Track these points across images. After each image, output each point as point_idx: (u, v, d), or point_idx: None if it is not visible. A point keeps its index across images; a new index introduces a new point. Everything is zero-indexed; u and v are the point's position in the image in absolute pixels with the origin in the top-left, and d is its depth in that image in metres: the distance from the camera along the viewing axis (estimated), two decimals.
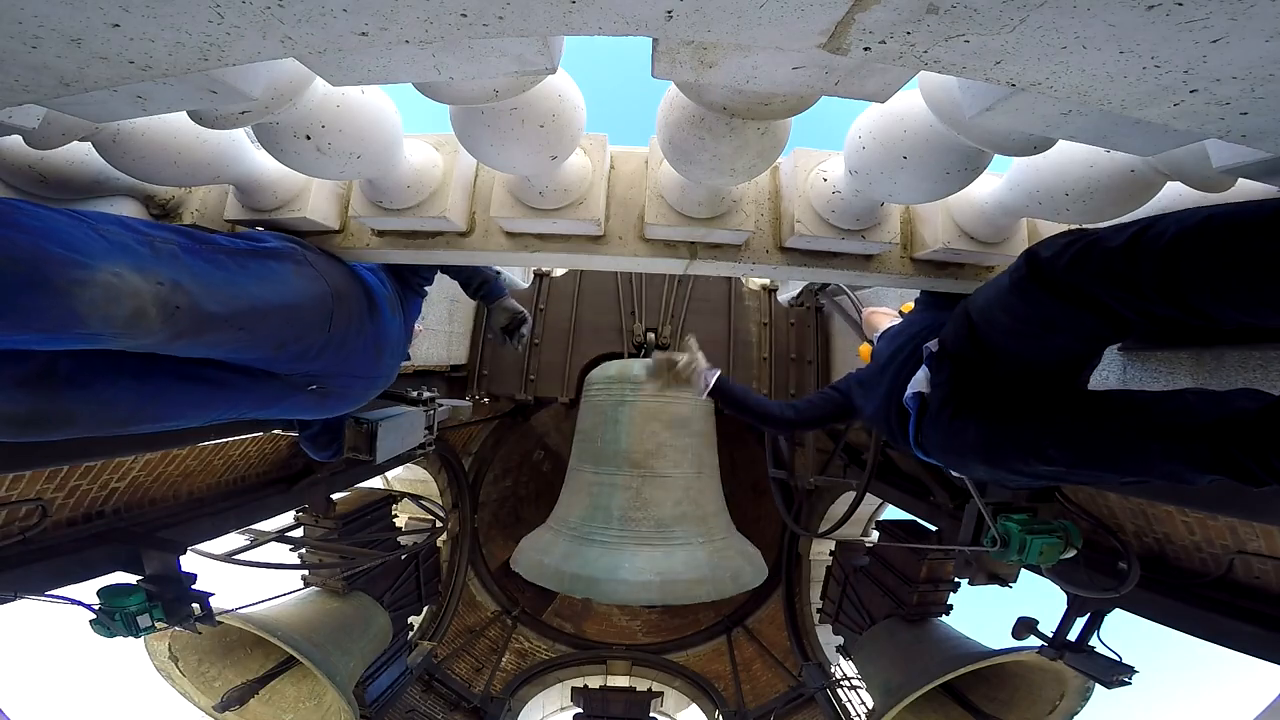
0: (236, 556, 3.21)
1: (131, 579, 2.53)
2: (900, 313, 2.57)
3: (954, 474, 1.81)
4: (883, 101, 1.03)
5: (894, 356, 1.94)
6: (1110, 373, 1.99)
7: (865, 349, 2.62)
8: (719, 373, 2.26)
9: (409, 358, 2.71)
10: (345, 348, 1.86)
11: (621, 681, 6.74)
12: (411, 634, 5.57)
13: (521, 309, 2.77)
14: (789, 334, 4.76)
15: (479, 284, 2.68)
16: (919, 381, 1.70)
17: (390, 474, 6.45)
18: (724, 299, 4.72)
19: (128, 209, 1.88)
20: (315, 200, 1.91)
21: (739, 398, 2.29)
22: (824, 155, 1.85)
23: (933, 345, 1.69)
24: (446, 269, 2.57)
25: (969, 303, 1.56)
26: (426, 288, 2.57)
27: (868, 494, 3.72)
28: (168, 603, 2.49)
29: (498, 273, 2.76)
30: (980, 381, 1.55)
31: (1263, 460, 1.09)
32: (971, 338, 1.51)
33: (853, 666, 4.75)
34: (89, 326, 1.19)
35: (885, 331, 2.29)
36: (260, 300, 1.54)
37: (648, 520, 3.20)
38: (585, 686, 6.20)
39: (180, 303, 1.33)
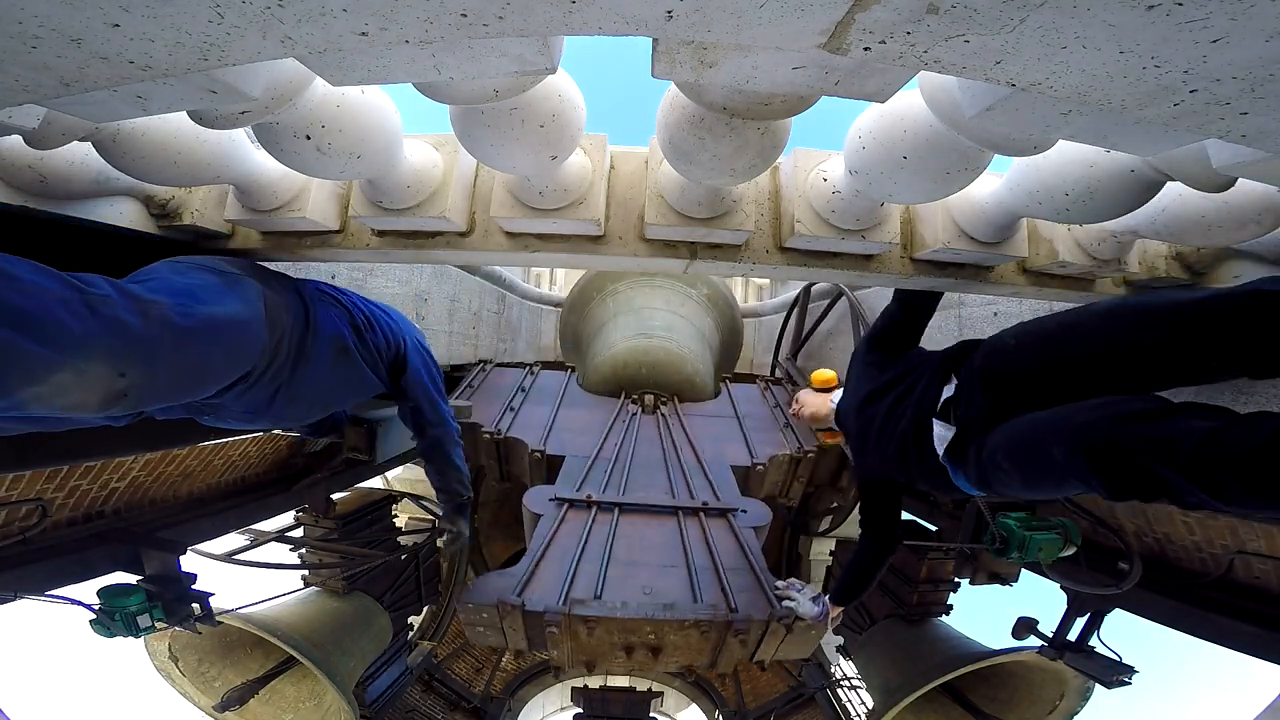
0: (236, 556, 3.21)
1: (131, 579, 2.53)
2: (817, 387, 2.50)
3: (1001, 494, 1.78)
4: (883, 101, 1.03)
5: (890, 414, 1.95)
6: None
7: (827, 435, 2.56)
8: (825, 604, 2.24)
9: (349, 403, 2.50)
10: (246, 395, 1.76)
11: (621, 681, 6.73)
12: (411, 634, 5.57)
13: (467, 534, 2.60)
14: None
15: (448, 496, 2.49)
16: (940, 439, 1.74)
17: (390, 474, 6.45)
18: None
19: (128, 209, 1.88)
20: (315, 200, 1.91)
21: (860, 588, 2.26)
22: (824, 155, 1.85)
23: (948, 390, 1.75)
24: (428, 470, 2.42)
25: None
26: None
27: None
28: (168, 603, 2.49)
29: (469, 497, 2.56)
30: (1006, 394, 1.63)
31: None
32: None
33: (853, 666, 4.75)
34: (29, 411, 1.16)
35: (844, 405, 2.27)
36: (214, 366, 1.54)
37: None
38: (585, 686, 6.19)
39: (131, 390, 1.30)
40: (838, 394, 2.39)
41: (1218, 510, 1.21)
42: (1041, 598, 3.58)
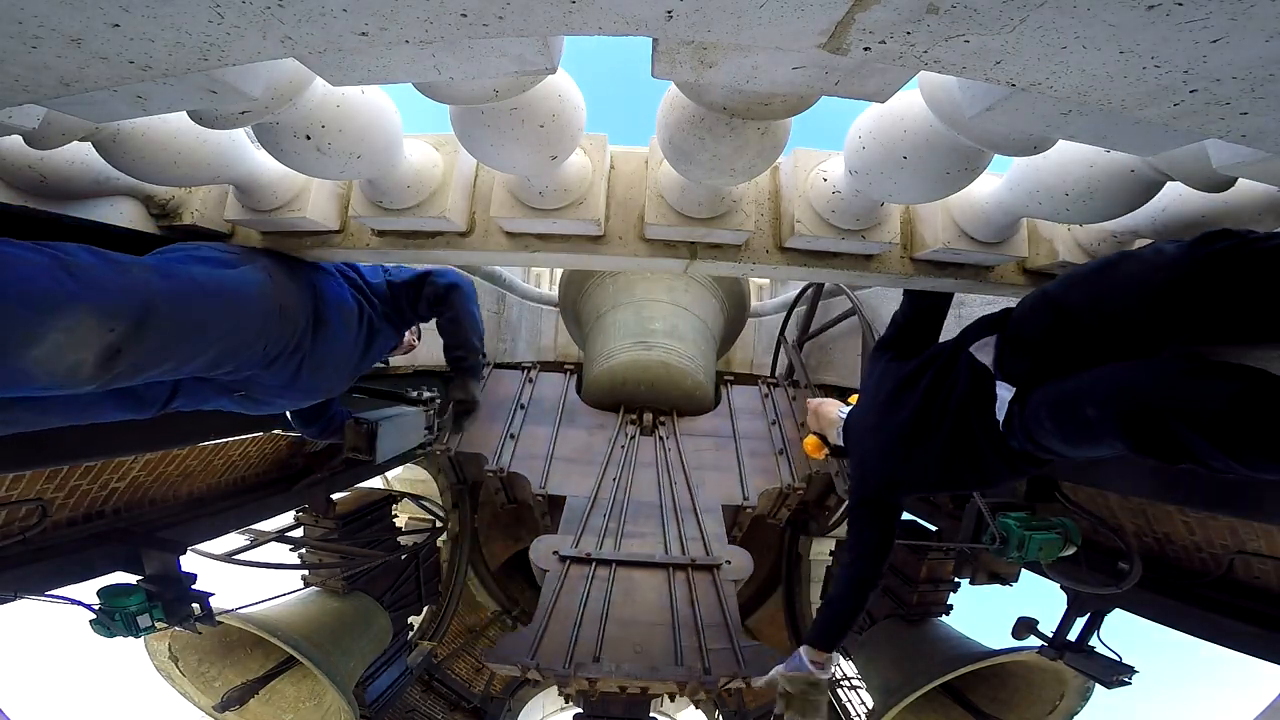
0: (236, 556, 3.21)
1: (131, 579, 2.53)
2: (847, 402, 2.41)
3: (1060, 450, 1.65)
4: (883, 101, 1.03)
5: (919, 413, 1.83)
6: None
7: (812, 441, 2.49)
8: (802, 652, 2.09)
9: (386, 362, 2.62)
10: (273, 366, 1.82)
11: None
12: (411, 634, 5.56)
13: (479, 399, 2.57)
14: None
15: (464, 352, 2.49)
16: (1002, 402, 1.65)
17: (390, 474, 6.44)
18: None
19: (128, 209, 1.88)
20: (315, 200, 1.91)
21: (844, 629, 2.07)
22: (824, 155, 1.85)
23: (982, 356, 1.70)
24: (441, 326, 2.44)
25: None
26: (416, 324, 2.46)
27: None
28: (168, 603, 2.49)
29: (485, 360, 2.54)
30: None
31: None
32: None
33: (853, 666, 4.75)
34: (36, 381, 1.21)
35: (854, 415, 2.20)
36: (211, 325, 1.55)
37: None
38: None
39: (125, 346, 1.32)
40: (847, 410, 2.31)
41: (1243, 475, 1.19)
42: (1041, 598, 3.58)
